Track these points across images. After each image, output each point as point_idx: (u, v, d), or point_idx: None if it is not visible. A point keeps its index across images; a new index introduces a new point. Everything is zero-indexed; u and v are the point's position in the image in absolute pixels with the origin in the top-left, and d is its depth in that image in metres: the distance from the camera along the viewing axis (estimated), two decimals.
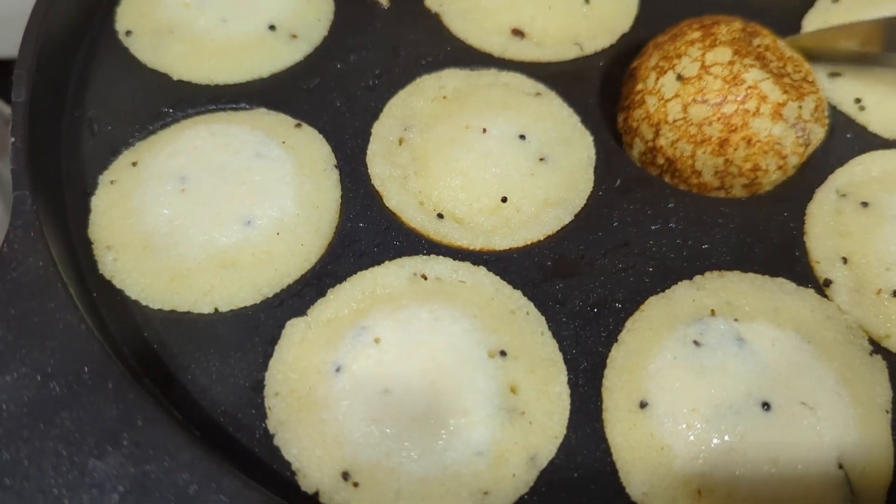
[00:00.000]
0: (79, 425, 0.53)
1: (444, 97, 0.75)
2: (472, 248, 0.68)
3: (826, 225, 0.70)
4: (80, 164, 0.71)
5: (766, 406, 0.59)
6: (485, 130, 0.71)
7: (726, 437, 0.58)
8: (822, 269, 0.68)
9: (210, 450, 0.53)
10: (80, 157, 0.71)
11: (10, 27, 1.19)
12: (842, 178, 0.72)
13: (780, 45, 0.73)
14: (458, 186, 0.70)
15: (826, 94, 0.76)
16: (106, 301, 0.64)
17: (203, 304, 0.64)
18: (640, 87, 0.72)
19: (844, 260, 0.68)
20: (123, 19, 0.79)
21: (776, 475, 0.57)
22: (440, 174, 0.70)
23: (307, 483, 0.57)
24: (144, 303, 0.64)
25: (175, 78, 0.76)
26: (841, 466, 0.58)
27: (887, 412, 0.61)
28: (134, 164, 0.70)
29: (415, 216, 0.69)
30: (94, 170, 0.70)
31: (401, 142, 0.73)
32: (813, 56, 0.77)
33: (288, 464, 0.58)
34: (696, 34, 0.72)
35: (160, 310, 0.64)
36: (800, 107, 0.69)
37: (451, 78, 0.77)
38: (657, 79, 0.70)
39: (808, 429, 0.58)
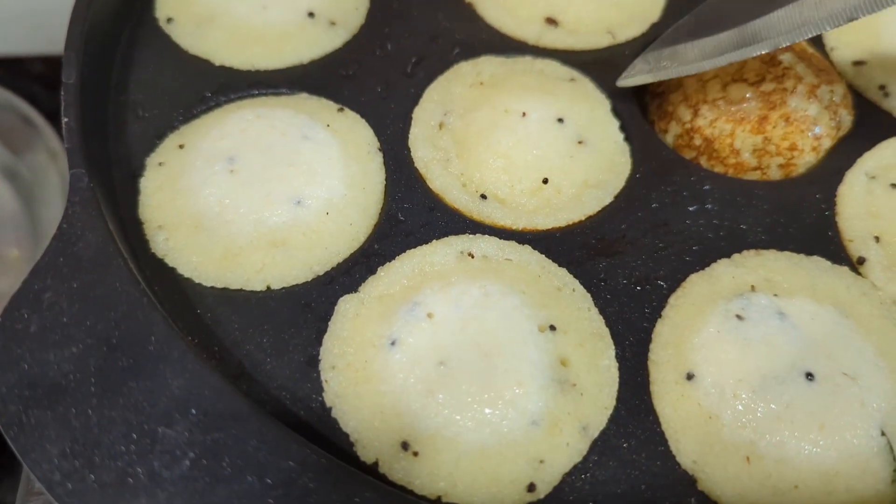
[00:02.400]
0: (147, 395, 0.54)
1: (482, 83, 0.77)
2: (515, 227, 0.69)
3: (857, 206, 0.72)
4: (127, 147, 0.72)
5: (809, 376, 0.60)
6: (524, 114, 0.73)
7: (772, 406, 0.59)
8: (856, 248, 0.70)
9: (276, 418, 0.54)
10: (126, 140, 0.72)
11: (15, 25, 1.21)
12: (870, 161, 0.74)
13: (803, 42, 0.75)
14: (500, 168, 0.71)
15: (852, 81, 0.79)
16: (158, 278, 0.65)
17: (255, 282, 0.65)
18: None
19: (877, 239, 0.70)
20: (164, 7, 0.80)
21: (822, 442, 0.59)
22: (482, 157, 0.72)
23: (366, 453, 0.58)
24: (197, 280, 0.65)
25: (217, 63, 0.77)
26: (883, 433, 0.59)
27: None
28: (181, 146, 0.71)
29: (459, 197, 0.70)
30: (141, 152, 0.71)
31: (441, 126, 0.74)
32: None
33: (346, 435, 0.59)
34: None
35: (213, 287, 0.65)
36: (831, 91, 0.71)
37: (488, 64, 0.79)
38: None
39: (850, 397, 0.60)
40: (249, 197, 0.67)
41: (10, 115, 1.14)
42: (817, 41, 0.82)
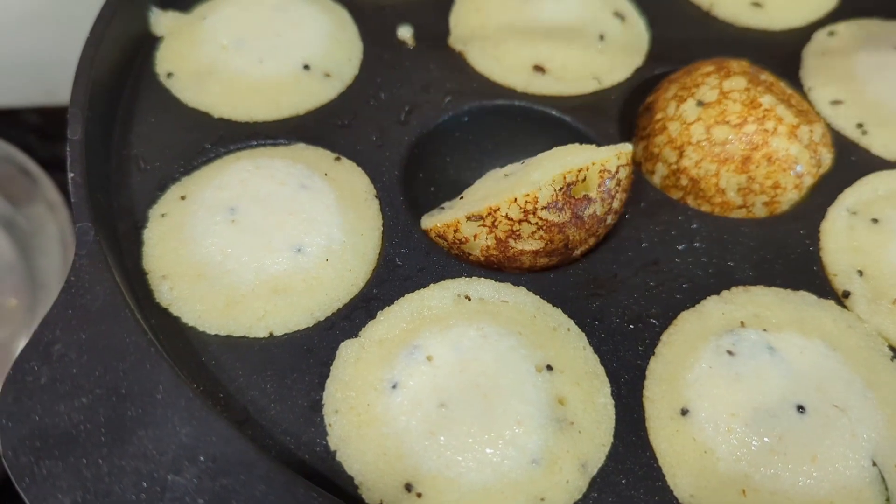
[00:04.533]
0: (156, 443, 0.55)
1: None
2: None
3: (840, 241, 0.74)
4: (131, 199, 0.73)
5: (800, 409, 0.62)
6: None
7: (766, 439, 0.61)
8: (840, 282, 0.72)
9: (282, 463, 0.56)
10: (129, 193, 0.74)
11: (10, 78, 1.23)
12: (851, 197, 0.77)
13: (782, 84, 0.78)
14: None
15: (830, 121, 0.82)
16: (163, 328, 0.66)
17: (258, 329, 0.66)
18: (659, 116, 0.77)
19: (860, 272, 0.72)
20: (164, 63, 0.83)
21: (815, 473, 0.60)
22: None
23: (371, 496, 0.59)
24: (201, 329, 0.66)
25: (216, 116, 0.79)
26: (874, 463, 0.61)
27: None
28: (183, 197, 0.73)
29: None
30: (143, 204, 0.73)
31: None
32: None
33: (351, 478, 0.60)
34: (710, 68, 0.77)
35: (216, 335, 0.66)
36: (811, 131, 0.74)
37: None
38: (678, 106, 0.75)
39: (841, 429, 0.61)
40: (250, 246, 0.68)
41: (8, 166, 1.15)
42: (795, 82, 0.86)
